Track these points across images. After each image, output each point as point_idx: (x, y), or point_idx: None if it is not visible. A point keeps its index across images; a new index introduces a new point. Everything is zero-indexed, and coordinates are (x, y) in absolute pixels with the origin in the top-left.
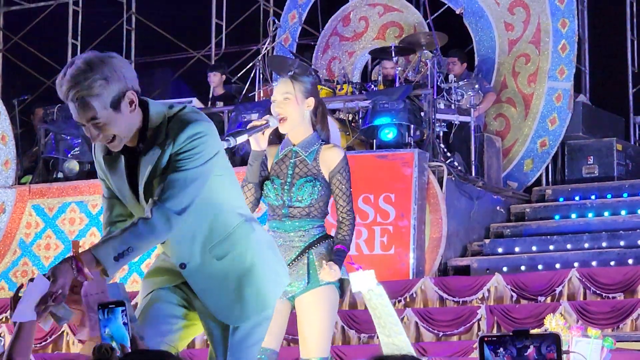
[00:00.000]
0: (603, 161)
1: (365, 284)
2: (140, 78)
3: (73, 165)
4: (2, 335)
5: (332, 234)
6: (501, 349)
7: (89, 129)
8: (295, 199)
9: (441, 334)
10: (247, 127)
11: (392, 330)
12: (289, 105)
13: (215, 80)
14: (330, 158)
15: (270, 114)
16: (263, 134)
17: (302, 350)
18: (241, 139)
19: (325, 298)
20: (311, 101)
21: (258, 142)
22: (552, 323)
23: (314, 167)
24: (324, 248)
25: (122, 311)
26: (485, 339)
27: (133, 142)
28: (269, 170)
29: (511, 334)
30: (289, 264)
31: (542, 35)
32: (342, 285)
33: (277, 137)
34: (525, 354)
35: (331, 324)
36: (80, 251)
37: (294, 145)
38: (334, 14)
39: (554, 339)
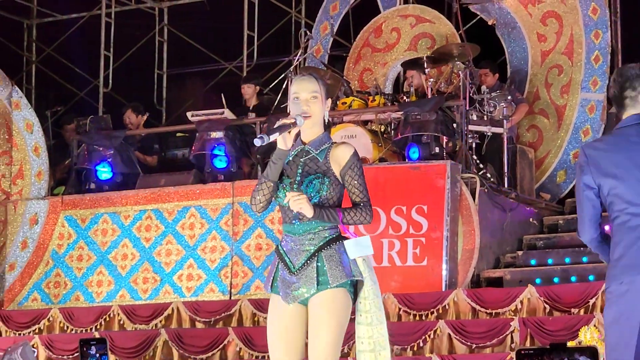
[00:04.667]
0: None
1: (362, 250)
2: (171, 89)
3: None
4: (35, 346)
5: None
6: None
7: None
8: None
9: (474, 345)
10: (277, 125)
11: (374, 316)
12: (317, 104)
13: (249, 91)
14: (340, 155)
15: None
16: (290, 132)
17: (311, 354)
18: (273, 137)
19: (335, 301)
20: (329, 102)
21: (285, 141)
22: (587, 335)
23: (323, 164)
24: (334, 250)
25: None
26: (523, 351)
27: None
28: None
29: (548, 347)
30: (299, 268)
31: (575, 46)
32: (355, 290)
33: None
34: None
35: (341, 328)
36: None
37: (304, 144)
38: (365, 25)
39: (592, 352)
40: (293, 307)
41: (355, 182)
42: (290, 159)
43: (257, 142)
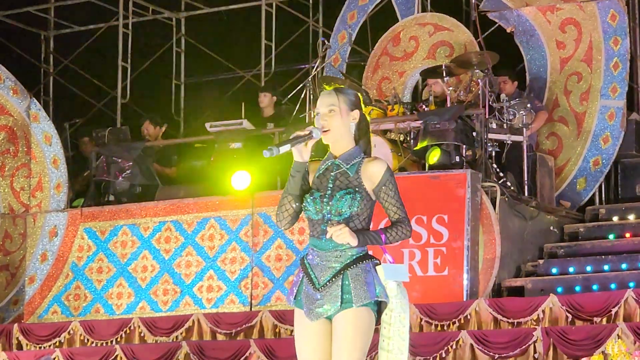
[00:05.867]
0: None
1: (398, 276)
2: (189, 100)
3: (124, 185)
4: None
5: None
6: None
7: None
8: (335, 211)
9: (497, 356)
10: (290, 138)
11: (395, 345)
12: (334, 118)
13: (265, 101)
14: (373, 171)
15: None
16: (306, 145)
17: None
18: (284, 150)
19: (359, 320)
20: (356, 114)
21: (301, 153)
22: (615, 349)
23: (355, 179)
24: (360, 269)
25: None
26: None
27: None
28: (311, 184)
29: None
30: (323, 285)
31: (594, 53)
32: (379, 309)
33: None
34: None
35: (364, 347)
36: None
37: (335, 158)
38: (383, 33)
39: None
40: (318, 322)
41: (392, 199)
42: (321, 172)
43: (266, 154)
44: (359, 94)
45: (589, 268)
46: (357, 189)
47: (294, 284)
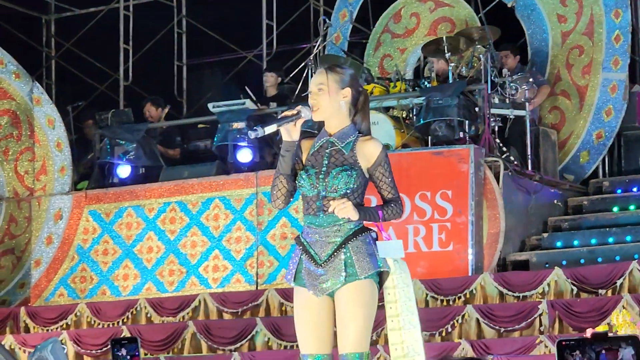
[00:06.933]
0: None
1: (393, 253)
2: (191, 80)
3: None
4: (63, 342)
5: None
6: (578, 353)
7: None
8: (331, 188)
9: (502, 329)
10: (278, 117)
11: (406, 320)
12: (322, 97)
13: (271, 80)
14: (369, 151)
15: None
16: (295, 124)
17: (340, 345)
18: (270, 129)
19: (364, 292)
20: (347, 92)
21: (289, 133)
22: (619, 319)
23: (350, 157)
24: (361, 241)
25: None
26: (564, 343)
27: None
28: (304, 162)
29: (590, 337)
30: (325, 260)
31: (596, 26)
32: (380, 280)
33: (317, 129)
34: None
35: (370, 318)
36: None
37: (330, 135)
38: (384, 11)
39: (635, 342)
40: (320, 299)
41: (387, 178)
42: (315, 149)
43: (252, 135)
44: (356, 73)
45: (593, 241)
46: (352, 167)
47: (292, 263)
